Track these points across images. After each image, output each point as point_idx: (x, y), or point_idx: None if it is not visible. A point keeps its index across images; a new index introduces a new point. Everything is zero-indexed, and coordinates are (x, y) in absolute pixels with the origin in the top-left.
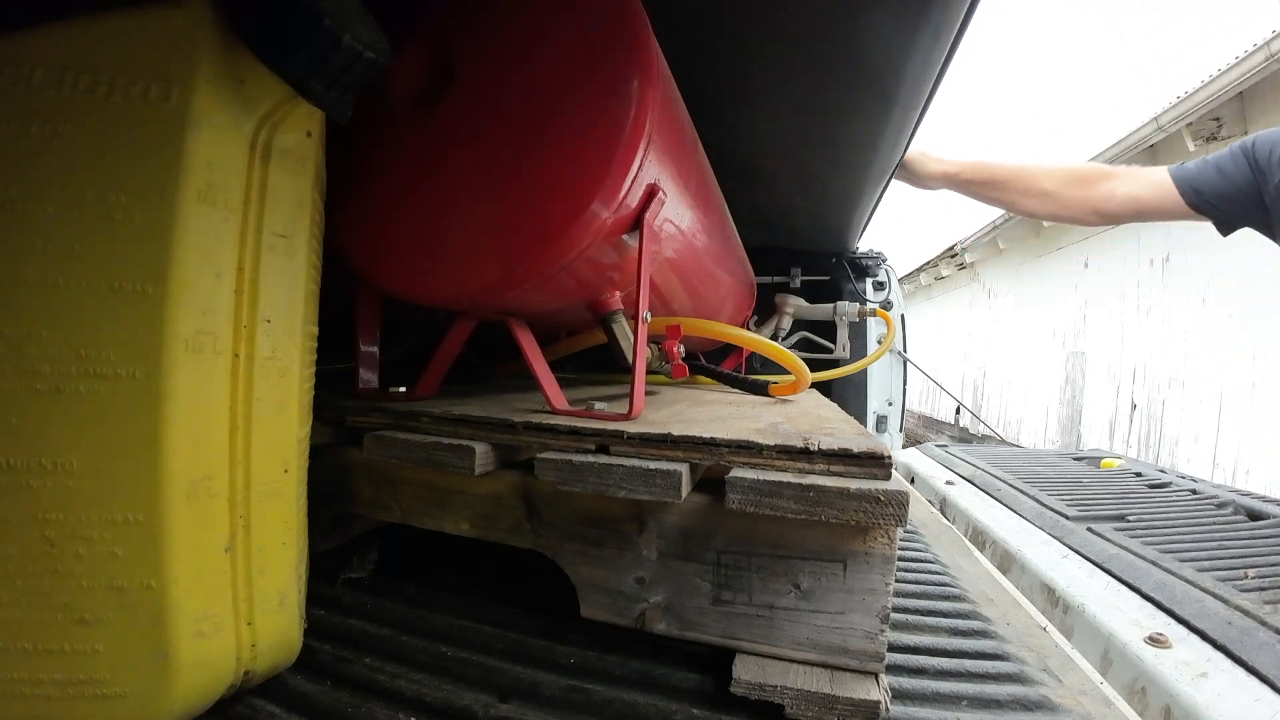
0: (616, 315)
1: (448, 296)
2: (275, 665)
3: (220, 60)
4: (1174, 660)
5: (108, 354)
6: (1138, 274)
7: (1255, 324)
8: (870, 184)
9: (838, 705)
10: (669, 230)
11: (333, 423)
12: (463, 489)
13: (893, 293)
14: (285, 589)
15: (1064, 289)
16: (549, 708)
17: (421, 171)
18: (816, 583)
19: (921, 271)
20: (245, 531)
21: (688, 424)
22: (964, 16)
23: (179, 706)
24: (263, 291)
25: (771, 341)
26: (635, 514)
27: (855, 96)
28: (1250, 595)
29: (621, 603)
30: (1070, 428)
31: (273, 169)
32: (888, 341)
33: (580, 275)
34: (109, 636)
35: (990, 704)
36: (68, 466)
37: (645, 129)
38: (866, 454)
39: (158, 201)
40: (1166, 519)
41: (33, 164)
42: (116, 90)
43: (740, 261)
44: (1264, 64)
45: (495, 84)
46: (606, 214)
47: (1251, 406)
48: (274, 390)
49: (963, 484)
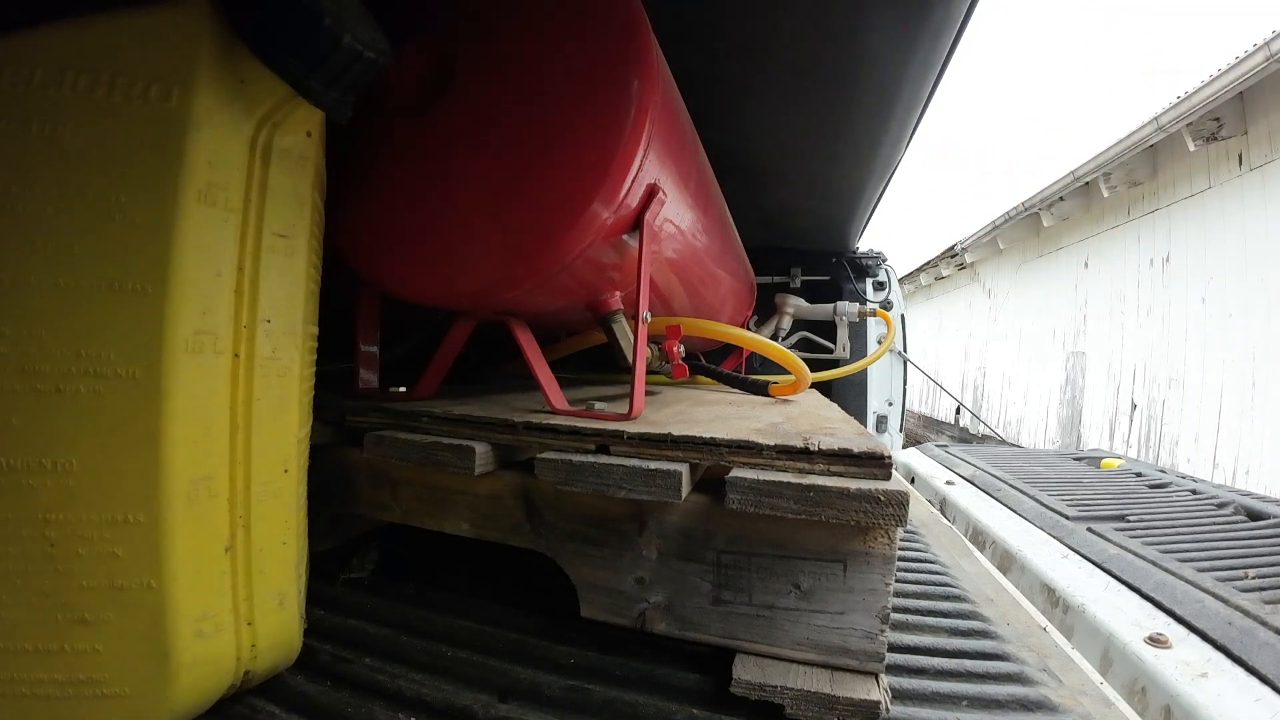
0: (616, 315)
1: (449, 296)
2: (275, 665)
3: (220, 60)
4: (1174, 660)
5: (108, 354)
6: (1138, 274)
7: (1255, 324)
8: (871, 183)
9: (838, 705)
10: (669, 230)
11: (333, 423)
12: (463, 489)
13: (893, 292)
14: (285, 589)
15: (1064, 289)
16: (549, 708)
17: (423, 172)
18: (817, 583)
19: (921, 271)
20: (245, 531)
21: (688, 424)
22: (964, 16)
23: (179, 706)
24: (263, 291)
25: (772, 341)
26: (635, 514)
27: (856, 96)
28: (1250, 595)
29: (621, 603)
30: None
31: (273, 169)
32: (888, 341)
33: (580, 275)
34: (109, 636)
35: (990, 704)
36: (68, 466)
37: (645, 129)
38: (867, 454)
39: (158, 201)
40: (1167, 519)
41: (33, 164)
42: (116, 90)
43: (740, 261)
44: (1264, 64)
45: (496, 85)
46: (607, 214)
47: (1251, 406)
48: (274, 390)
49: (963, 484)
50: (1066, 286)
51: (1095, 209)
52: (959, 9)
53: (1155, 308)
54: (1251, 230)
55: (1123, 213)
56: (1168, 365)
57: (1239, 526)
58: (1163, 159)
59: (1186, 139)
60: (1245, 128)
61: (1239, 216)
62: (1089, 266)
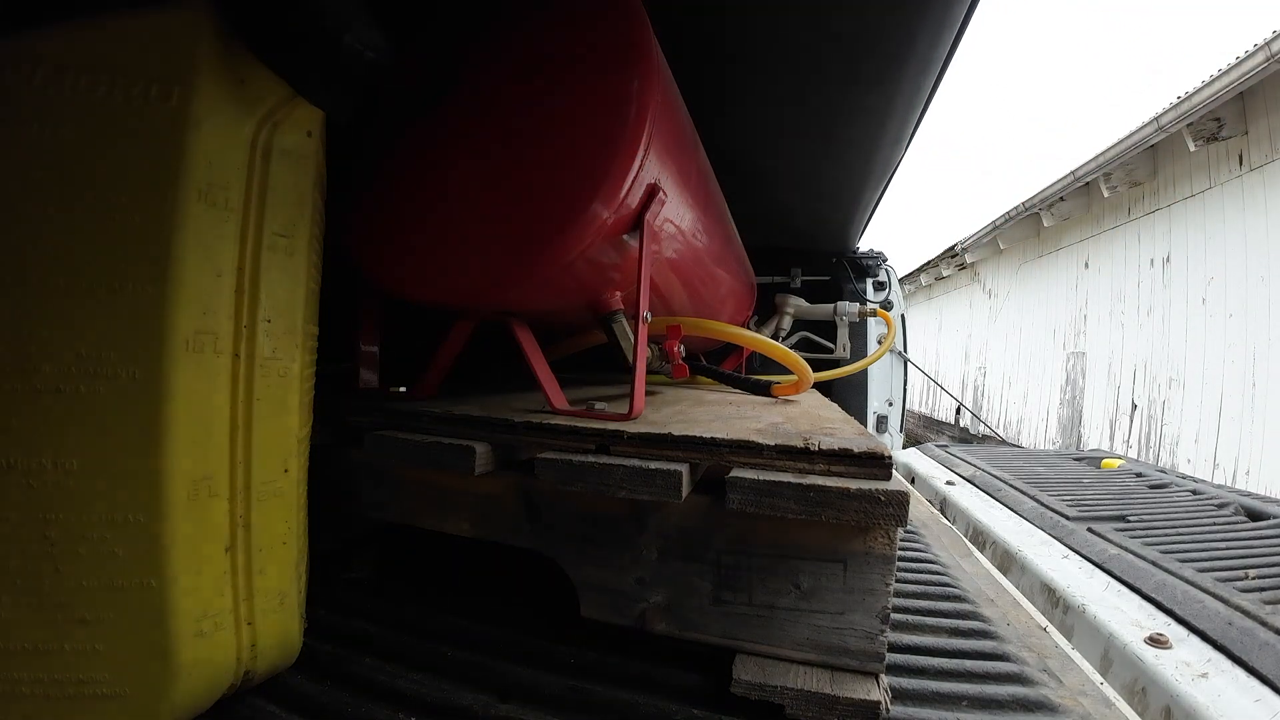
0: (617, 315)
1: (450, 295)
2: (275, 665)
3: (221, 60)
4: (1174, 660)
5: (108, 354)
6: (1138, 274)
7: (1255, 324)
8: (871, 183)
9: (838, 705)
10: (669, 230)
11: (333, 423)
12: (463, 489)
13: (893, 292)
14: (285, 589)
15: (1064, 289)
16: (549, 707)
17: (424, 171)
18: (817, 583)
19: (922, 272)
20: (245, 531)
21: (688, 424)
22: (964, 17)
23: (179, 706)
24: (263, 291)
25: (773, 341)
26: (635, 514)
27: (856, 96)
28: (1250, 595)
29: (621, 603)
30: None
31: (273, 169)
32: (888, 341)
33: (581, 275)
34: (109, 636)
35: (990, 704)
36: (68, 466)
37: (645, 129)
38: (867, 454)
39: (158, 201)
40: (1167, 519)
41: (33, 164)
42: (116, 90)
43: (741, 261)
44: (1264, 64)
45: (497, 85)
46: (607, 214)
47: (1251, 406)
48: (274, 390)
49: (963, 484)
50: (1067, 286)
51: (1096, 209)
52: (959, 9)
53: (1155, 308)
54: (1252, 230)
55: (1123, 213)
56: (1168, 365)
57: (1239, 527)
58: (1163, 159)
59: (1187, 139)
60: (1246, 128)
61: (1239, 217)
62: (1089, 266)
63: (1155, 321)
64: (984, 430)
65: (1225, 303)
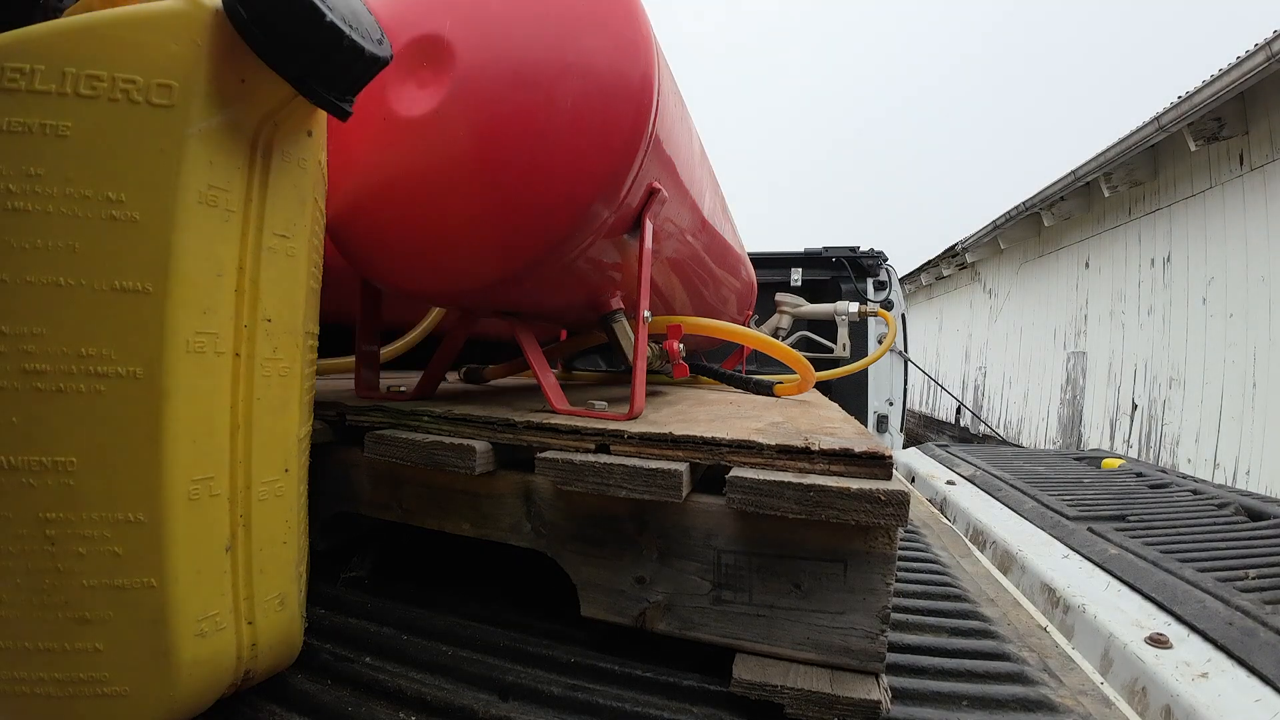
0: (617, 315)
1: (449, 294)
2: (276, 664)
3: (221, 60)
4: (1174, 660)
5: (108, 354)
6: (1138, 274)
7: (1256, 324)
8: None
9: (838, 705)
10: (670, 229)
11: (333, 422)
12: (463, 488)
13: (893, 292)
14: (286, 588)
15: (1064, 289)
16: (549, 707)
17: (424, 168)
18: (817, 582)
19: (922, 271)
20: (246, 531)
21: (688, 424)
22: None
23: (180, 705)
24: (263, 291)
25: (774, 339)
26: (636, 513)
27: None
28: (1251, 595)
29: (622, 602)
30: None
31: (273, 169)
32: (888, 341)
33: (581, 274)
34: (110, 635)
35: (991, 704)
36: (68, 466)
37: (646, 129)
38: (867, 454)
39: (158, 201)
40: (1167, 519)
41: (33, 164)
42: (117, 90)
43: (741, 260)
44: (1265, 64)
45: (497, 81)
46: (607, 213)
47: (1252, 406)
48: (274, 390)
49: (963, 484)
50: (1067, 286)
51: (1096, 209)
52: None
53: (1156, 308)
54: (1252, 230)
55: (1124, 212)
56: (1168, 365)
57: (1239, 527)
58: (1164, 159)
59: (1188, 139)
60: (1246, 127)
61: (1240, 216)
62: (1090, 266)
63: (1156, 321)
64: (984, 430)
65: (1225, 303)
